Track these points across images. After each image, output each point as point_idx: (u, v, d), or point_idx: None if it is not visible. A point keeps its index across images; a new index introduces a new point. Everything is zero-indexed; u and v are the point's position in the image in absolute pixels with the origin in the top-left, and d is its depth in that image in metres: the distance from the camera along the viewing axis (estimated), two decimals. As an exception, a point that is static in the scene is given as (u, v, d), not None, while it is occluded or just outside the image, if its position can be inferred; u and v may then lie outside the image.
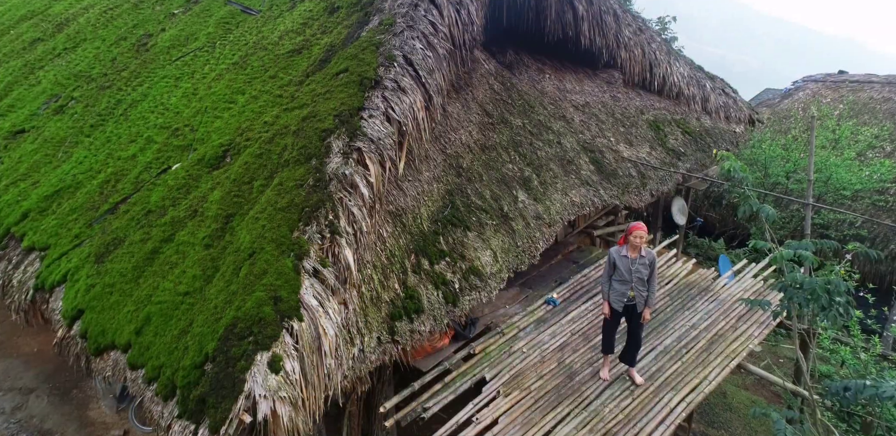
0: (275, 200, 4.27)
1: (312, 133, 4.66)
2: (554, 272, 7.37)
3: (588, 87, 8.46)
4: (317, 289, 3.87)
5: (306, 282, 3.83)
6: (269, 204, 4.26)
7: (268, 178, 4.61)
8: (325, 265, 3.99)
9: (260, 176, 4.65)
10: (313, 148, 4.56)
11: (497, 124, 6.94)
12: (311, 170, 4.43)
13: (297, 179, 4.38)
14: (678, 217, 9.88)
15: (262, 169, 4.70)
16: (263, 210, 4.24)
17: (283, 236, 4.00)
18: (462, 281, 5.29)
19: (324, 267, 3.97)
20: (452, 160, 6.15)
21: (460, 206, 5.82)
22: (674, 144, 8.51)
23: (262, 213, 4.23)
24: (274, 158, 4.73)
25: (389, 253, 4.96)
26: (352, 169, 4.46)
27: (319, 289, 3.89)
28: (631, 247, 4.80)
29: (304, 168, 4.45)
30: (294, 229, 4.08)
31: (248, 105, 5.43)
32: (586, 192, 7.06)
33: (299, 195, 4.25)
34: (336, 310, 3.94)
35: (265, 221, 4.12)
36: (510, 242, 5.93)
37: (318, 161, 4.48)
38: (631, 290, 4.82)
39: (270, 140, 4.90)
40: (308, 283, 3.84)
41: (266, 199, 4.34)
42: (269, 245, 3.94)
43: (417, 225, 5.36)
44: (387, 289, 4.73)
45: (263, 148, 4.84)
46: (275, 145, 4.83)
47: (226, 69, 6.12)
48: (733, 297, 6.28)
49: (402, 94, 5.08)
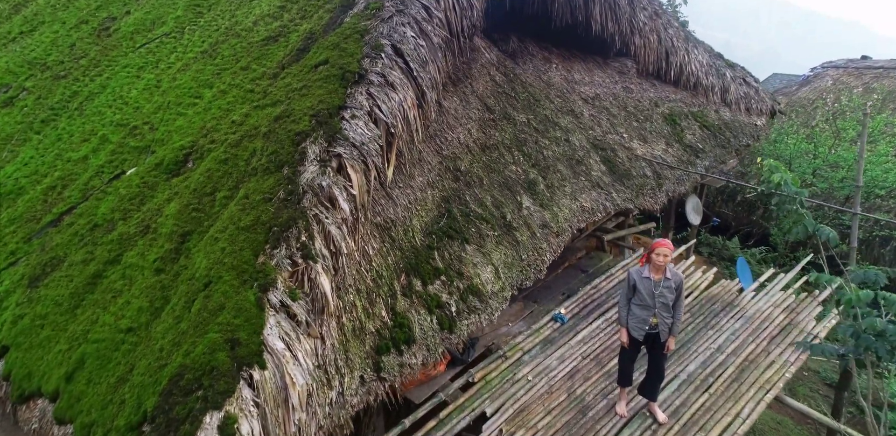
0: (238, 216, 3.61)
1: (285, 136, 3.98)
2: (560, 283, 6.74)
3: (598, 77, 7.74)
4: (284, 328, 3.23)
5: (272, 319, 3.19)
6: (231, 222, 3.60)
7: (232, 188, 3.94)
8: (296, 298, 3.34)
9: (224, 186, 3.98)
10: (285, 154, 3.89)
11: (499, 121, 6.25)
12: (281, 180, 3.76)
13: (264, 192, 3.71)
14: (693, 216, 9.22)
15: (227, 178, 4.03)
16: (224, 229, 3.59)
17: (246, 262, 3.35)
18: (459, 303, 4.66)
19: (293, 300, 3.33)
20: (449, 162, 5.47)
21: (458, 215, 5.17)
22: (691, 139, 7.82)
23: (222, 232, 3.57)
24: (240, 164, 4.05)
25: (376, 274, 4.31)
26: (330, 180, 3.79)
27: (288, 327, 3.25)
28: (654, 267, 4.15)
29: (274, 178, 3.78)
30: (259, 253, 3.42)
31: (216, 101, 4.74)
32: (597, 195, 6.40)
33: (267, 211, 3.58)
34: (308, 351, 3.31)
35: (225, 243, 3.46)
36: (514, 255, 5.29)
37: (290, 170, 3.81)
38: (654, 316, 4.19)
39: (237, 143, 4.22)
40: (274, 320, 3.20)
41: (229, 215, 3.68)
42: (228, 273, 3.29)
43: (409, 239, 4.71)
44: (372, 317, 4.10)
45: (229, 153, 4.16)
46: (242, 150, 4.15)
47: (193, 58, 5.41)
48: (762, 313, 5.65)
49: (391, 91, 4.39)
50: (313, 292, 3.52)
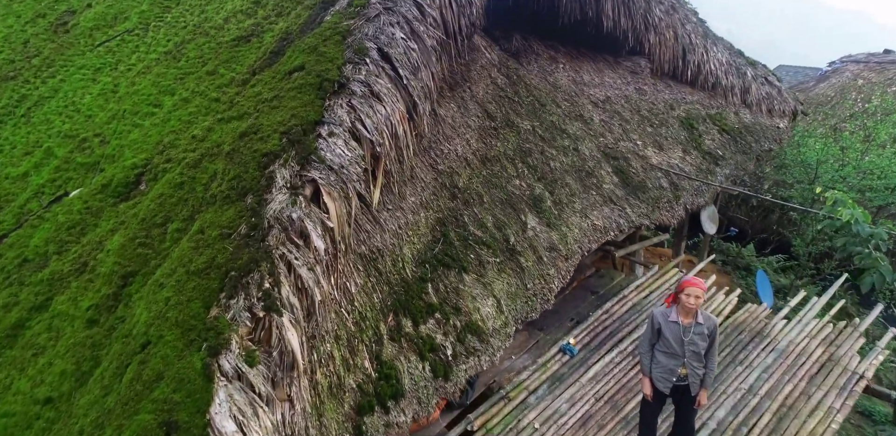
0: (189, 256, 2.99)
1: (250, 157, 3.36)
2: (568, 305, 6.15)
3: (609, 78, 7.09)
4: (238, 402, 2.62)
5: (222, 392, 2.58)
6: (180, 263, 2.99)
7: (187, 219, 3.32)
8: (254, 362, 2.73)
9: (177, 216, 3.36)
10: (249, 179, 3.26)
11: (501, 129, 5.62)
12: (243, 212, 3.14)
13: (223, 226, 3.09)
14: (708, 225, 8.59)
15: (182, 206, 3.41)
16: (172, 272, 2.97)
17: (194, 317, 2.74)
18: (456, 344, 4.06)
19: (251, 365, 2.72)
20: (445, 178, 4.85)
21: (455, 239, 4.55)
22: (710, 145, 7.19)
23: (169, 276, 2.96)
24: (198, 190, 3.43)
25: (359, 316, 3.71)
26: (301, 211, 3.17)
27: (242, 401, 2.64)
28: (682, 310, 3.55)
29: (235, 209, 3.16)
30: (212, 305, 2.81)
31: (176, 111, 4.11)
32: (610, 212, 5.78)
33: (224, 251, 2.97)
34: (269, 429, 2.70)
35: (171, 292, 2.85)
36: (518, 283, 4.68)
37: (254, 199, 3.19)
38: (682, 366, 3.60)
39: (196, 163, 3.59)
40: (224, 394, 2.59)
41: (179, 254, 3.06)
42: (171, 332, 2.68)
43: (398, 270, 4.10)
44: (353, 370, 3.50)
45: (186, 175, 3.54)
46: (201, 172, 3.53)
47: (156, 60, 4.76)
48: (796, 345, 5.05)
49: (377, 102, 3.76)
50: (278, 349, 2.91)
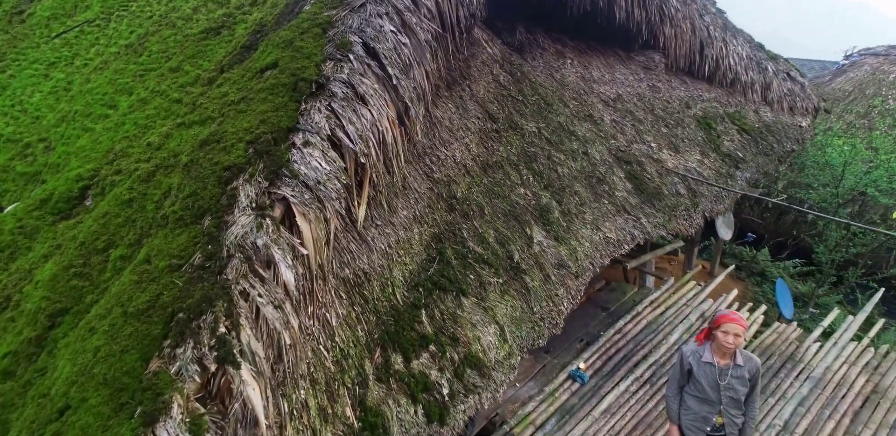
0: (129, 293, 2.49)
1: (209, 171, 2.85)
2: (577, 323, 5.64)
3: (620, 74, 6.55)
4: (182, 483, 2.13)
5: (160, 473, 2.09)
6: (118, 302, 2.48)
7: (133, 245, 2.82)
8: (201, 430, 2.23)
9: (122, 240, 2.86)
10: (207, 197, 2.76)
11: (504, 131, 5.10)
12: (199, 237, 2.63)
13: (173, 255, 2.59)
14: (723, 231, 8.07)
15: (129, 228, 2.90)
16: (107, 313, 2.47)
17: (128, 372, 2.24)
18: (454, 382, 3.56)
19: (198, 435, 2.22)
20: (442, 188, 4.34)
21: (452, 258, 4.05)
22: (729, 147, 6.66)
23: (102, 319, 2.46)
24: (149, 209, 2.93)
25: (340, 353, 3.21)
26: (268, 236, 2.66)
27: (188, 481, 2.14)
28: (718, 349, 3.04)
29: (189, 233, 2.66)
30: (152, 356, 2.31)
31: (132, 113, 3.59)
32: (623, 222, 5.27)
33: (172, 287, 2.47)
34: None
35: (103, 339, 2.35)
36: (523, 307, 4.18)
37: (212, 221, 2.68)
38: (718, 415, 3.09)
39: (149, 177, 3.08)
40: (164, 474, 2.10)
41: (118, 290, 2.56)
42: (96, 393, 2.18)
43: (387, 296, 3.60)
44: (332, 420, 3.00)
45: (136, 190, 3.03)
46: (154, 187, 3.02)
47: (115, 54, 4.24)
48: (834, 373, 4.54)
49: (361, 106, 3.24)
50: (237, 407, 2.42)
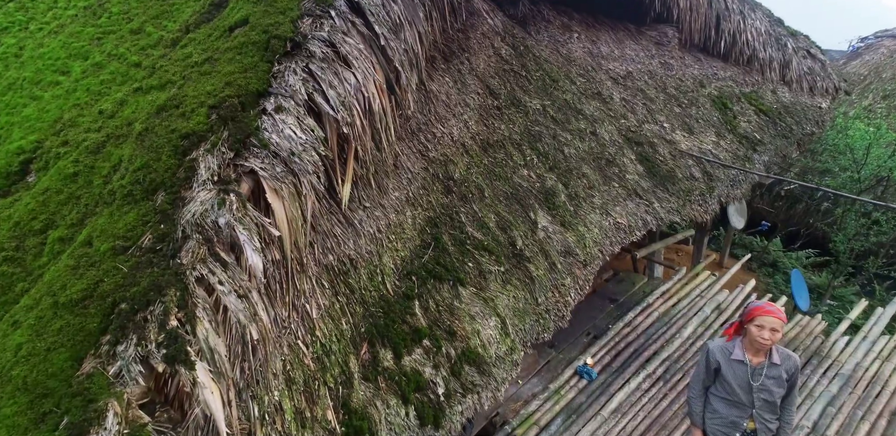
0: (64, 280, 2.11)
1: (165, 139, 2.46)
2: (583, 316, 5.28)
3: (631, 50, 6.13)
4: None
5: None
6: (48, 291, 2.11)
7: (75, 225, 2.44)
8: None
9: (63, 220, 2.48)
10: (162, 170, 2.37)
11: (506, 109, 4.70)
12: (150, 215, 2.26)
13: (118, 236, 2.21)
14: (736, 219, 7.68)
15: (72, 206, 2.52)
16: (35, 304, 2.10)
17: (55, 375, 1.88)
18: (450, 380, 3.20)
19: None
20: (438, 168, 3.95)
21: (449, 244, 3.67)
22: (746, 128, 6.25)
23: (29, 311, 2.08)
24: (96, 184, 2.54)
25: (321, 349, 2.84)
26: (232, 215, 2.28)
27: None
28: (751, 345, 2.67)
29: (139, 211, 2.28)
30: (86, 355, 1.94)
31: (86, 79, 3.21)
32: (635, 207, 4.88)
33: (115, 273, 2.09)
34: None
35: (27, 334, 1.98)
36: (527, 297, 3.81)
37: (167, 197, 2.30)
38: (750, 419, 2.73)
39: (98, 148, 2.70)
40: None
41: (51, 277, 2.18)
42: (12, 402, 1.82)
43: (376, 286, 3.22)
44: (310, 425, 2.64)
45: (83, 163, 2.65)
46: (103, 159, 2.64)
47: (73, 17, 3.84)
48: (865, 370, 4.18)
49: (344, 69, 2.85)
50: (196, 413, 2.05)
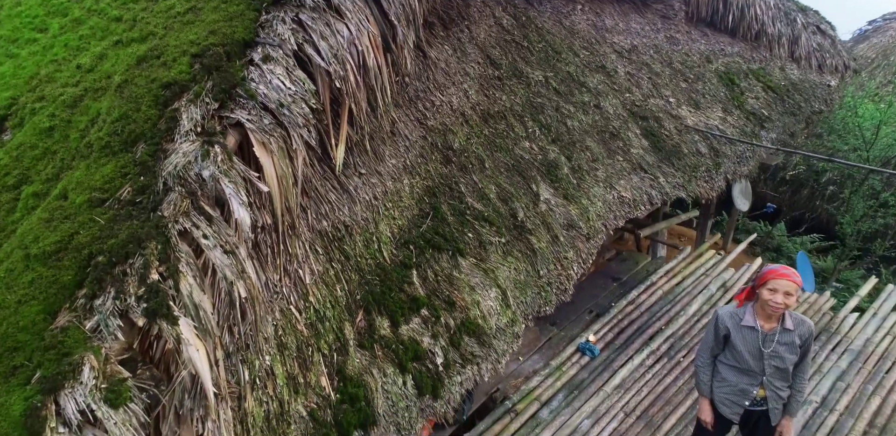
0: (37, 233, 1.98)
1: (145, 89, 2.32)
2: (585, 294, 5.16)
3: (636, 23, 5.96)
4: (90, 468, 1.64)
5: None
6: (21, 244, 1.98)
7: (51, 179, 2.30)
8: (121, 400, 1.74)
9: (38, 175, 2.34)
10: (141, 120, 2.23)
11: (507, 79, 4.54)
12: (129, 167, 2.12)
13: (95, 188, 2.08)
14: (740, 201, 7.51)
15: (47, 161, 2.38)
16: (6, 257, 1.97)
17: (26, 328, 1.76)
18: (449, 350, 3.08)
19: (116, 406, 1.72)
20: (437, 137, 3.81)
21: (448, 214, 3.54)
22: (754, 105, 6.10)
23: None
24: (72, 138, 2.40)
25: (314, 315, 2.72)
26: (217, 167, 2.14)
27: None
28: (763, 311, 2.54)
29: (117, 163, 2.14)
30: (60, 308, 1.82)
31: (63, 35, 3.06)
32: (640, 181, 4.74)
33: (91, 225, 1.96)
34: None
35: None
36: (528, 270, 3.69)
37: (147, 148, 2.16)
38: (760, 387, 2.61)
39: (75, 102, 2.55)
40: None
41: (23, 230, 2.05)
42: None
43: (372, 254, 3.10)
44: (303, 391, 2.52)
45: (59, 118, 2.51)
46: (80, 113, 2.49)
47: (57, -20, 3.66)
48: (875, 346, 4.07)
49: (336, 19, 2.70)
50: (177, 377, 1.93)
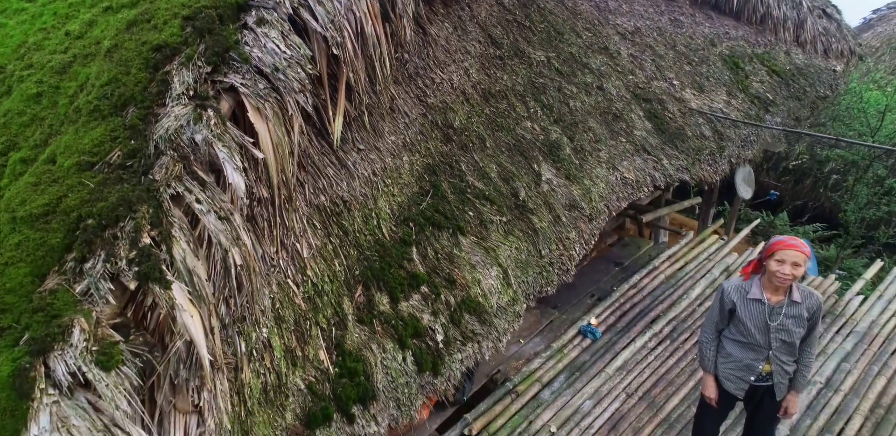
0: (24, 196, 1.92)
1: (135, 53, 2.25)
2: (587, 279, 5.10)
3: (639, 5, 5.88)
4: (77, 431, 1.58)
5: (44, 417, 1.54)
6: (8, 208, 1.92)
7: (39, 145, 2.24)
8: (112, 363, 1.68)
9: (26, 142, 2.28)
10: (132, 84, 2.17)
11: (508, 59, 4.47)
12: (118, 130, 2.05)
13: (84, 151, 2.01)
14: (743, 189, 7.43)
15: (35, 127, 2.32)
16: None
17: (13, 291, 1.70)
18: (449, 327, 3.03)
19: (108, 369, 1.67)
20: (437, 115, 3.74)
21: (448, 192, 3.48)
22: (758, 88, 6.02)
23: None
24: (61, 104, 2.33)
25: (312, 289, 2.66)
26: (209, 131, 2.07)
27: (86, 429, 1.60)
28: (769, 283, 2.47)
29: (106, 127, 2.07)
30: (49, 271, 1.76)
31: (53, 3, 3.00)
32: (643, 162, 4.68)
33: (79, 188, 1.90)
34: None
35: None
36: (530, 249, 3.63)
37: (137, 112, 2.10)
38: (766, 361, 2.55)
39: (64, 69, 2.48)
40: (51, 419, 1.56)
41: (10, 195, 1.98)
42: (-29, 317, 1.63)
43: (371, 230, 3.04)
44: (301, 364, 2.47)
45: (47, 84, 2.44)
46: (69, 79, 2.42)
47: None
48: (881, 328, 4.01)
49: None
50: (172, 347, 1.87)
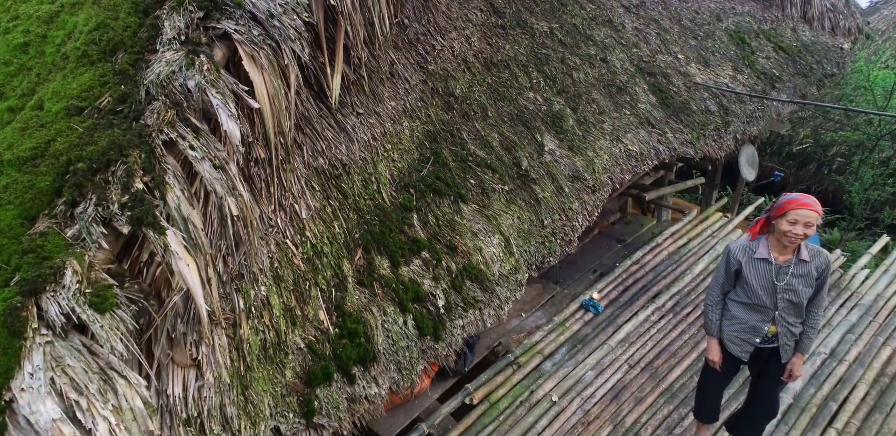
0: (12, 140, 1.86)
1: (126, 1, 2.17)
2: (589, 256, 5.05)
3: (644, -21, 5.75)
4: (72, 372, 1.53)
5: (38, 356, 1.50)
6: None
7: (26, 94, 2.17)
8: (107, 305, 1.63)
9: (13, 91, 2.22)
10: (121, 29, 2.10)
11: (511, 29, 4.38)
12: (108, 76, 1.99)
13: (72, 96, 1.95)
14: (747, 170, 7.36)
15: (22, 76, 2.26)
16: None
17: (3, 230, 1.65)
18: (450, 293, 2.98)
19: (102, 311, 1.62)
20: (438, 82, 3.66)
21: (449, 159, 3.41)
22: (764, 64, 5.93)
23: (-22, 174, 1.83)
24: (48, 53, 2.27)
25: (311, 250, 2.60)
26: (203, 77, 2.00)
27: (81, 370, 1.55)
28: (777, 242, 2.42)
29: (95, 72, 2.01)
30: (38, 214, 1.71)
31: None
32: (647, 135, 4.60)
33: (68, 132, 1.83)
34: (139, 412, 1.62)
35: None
36: (532, 219, 3.57)
37: (126, 58, 2.03)
38: (772, 323, 2.51)
39: (52, 18, 2.41)
40: (44, 358, 1.51)
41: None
42: (-41, 258, 1.58)
43: (371, 194, 2.98)
44: (301, 323, 2.42)
45: (34, 33, 2.37)
46: (56, 27, 2.36)
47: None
48: (887, 301, 3.97)
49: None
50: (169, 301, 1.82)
